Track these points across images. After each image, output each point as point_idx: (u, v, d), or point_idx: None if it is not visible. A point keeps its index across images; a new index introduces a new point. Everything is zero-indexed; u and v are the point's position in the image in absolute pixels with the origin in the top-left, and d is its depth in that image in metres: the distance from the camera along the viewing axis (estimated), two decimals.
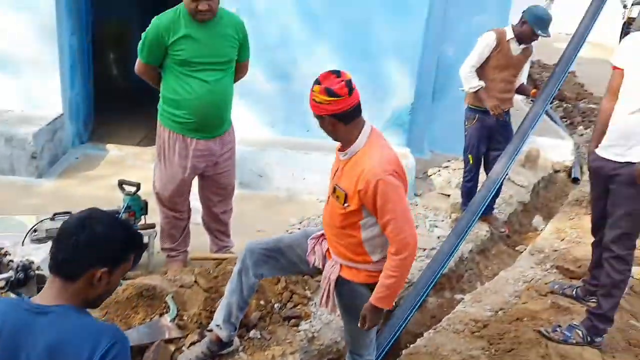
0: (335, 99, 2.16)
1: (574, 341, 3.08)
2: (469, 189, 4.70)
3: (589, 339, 3.10)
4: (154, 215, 3.58)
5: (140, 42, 3.05)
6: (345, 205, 2.26)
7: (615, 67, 3.16)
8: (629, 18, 16.55)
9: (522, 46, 4.27)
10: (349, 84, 2.18)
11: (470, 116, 4.48)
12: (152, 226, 3.49)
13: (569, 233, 4.90)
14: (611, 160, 3.06)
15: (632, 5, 16.45)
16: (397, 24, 4.95)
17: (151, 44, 3.01)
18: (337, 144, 2.39)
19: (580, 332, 3.11)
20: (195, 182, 3.48)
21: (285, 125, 5.20)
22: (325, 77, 2.19)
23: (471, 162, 4.62)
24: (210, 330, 2.69)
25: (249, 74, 3.58)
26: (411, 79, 5.18)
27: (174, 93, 3.09)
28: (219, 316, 2.64)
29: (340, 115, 2.19)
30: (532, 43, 4.35)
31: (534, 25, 4.10)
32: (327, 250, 2.55)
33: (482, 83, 4.26)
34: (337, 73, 2.21)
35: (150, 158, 4.98)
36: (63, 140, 5.35)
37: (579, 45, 4.21)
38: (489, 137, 4.51)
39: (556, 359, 2.87)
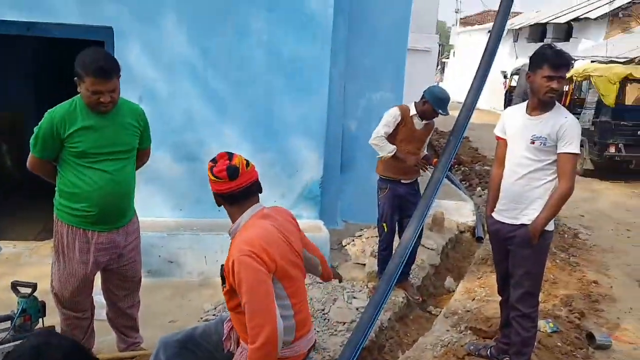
0: (216, 180, 2.30)
1: None
2: (384, 257, 4.80)
3: None
4: (53, 314, 3.30)
5: (33, 136, 2.91)
6: (223, 285, 2.27)
7: (498, 137, 3.46)
8: (510, 86, 18.30)
9: (424, 122, 4.57)
10: (230, 169, 2.27)
11: (382, 186, 4.66)
12: (52, 328, 3.20)
13: (479, 292, 5.10)
14: (506, 224, 3.28)
15: (511, 75, 18.24)
16: (301, 101, 5.15)
17: (45, 138, 2.88)
18: None
19: None
20: (97, 276, 3.28)
21: (195, 207, 5.11)
22: (220, 156, 2.33)
23: (386, 230, 4.75)
24: None
25: (155, 158, 3.55)
26: (319, 154, 5.34)
27: (73, 186, 2.95)
28: None
29: (223, 196, 2.32)
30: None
31: (434, 104, 4.39)
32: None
33: (394, 148, 4.43)
34: (230, 156, 2.30)
35: (48, 253, 4.66)
36: None
37: (469, 114, 4.59)
38: (401, 205, 4.69)
39: None
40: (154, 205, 4.95)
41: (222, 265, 2.30)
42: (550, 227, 3.19)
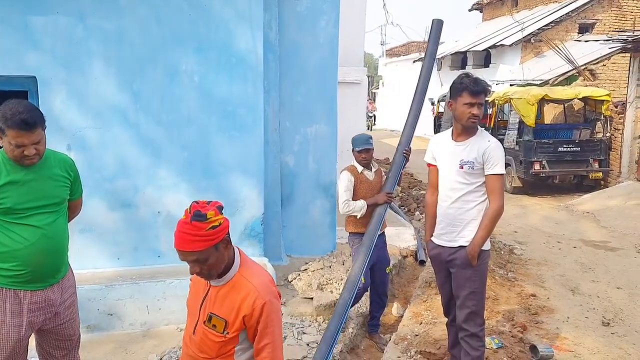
0: (222, 219, 2.14)
1: None
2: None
3: None
4: None
5: None
6: (225, 333, 2.18)
7: (429, 164, 3.60)
8: (438, 112, 19.06)
9: (373, 171, 4.79)
10: (219, 206, 2.18)
11: (355, 240, 4.76)
12: None
13: (425, 315, 5.19)
14: (446, 247, 3.40)
15: (438, 101, 19.02)
16: (237, 140, 5.15)
17: None
18: None
19: None
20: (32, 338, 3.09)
21: (133, 255, 4.95)
22: (198, 207, 2.12)
23: (364, 281, 4.70)
24: None
25: (89, 207, 3.43)
26: (259, 191, 5.33)
27: (0, 245, 2.79)
28: None
29: (228, 235, 2.18)
30: (373, 162, 4.88)
31: (362, 145, 4.68)
32: None
33: (363, 201, 4.60)
34: (197, 202, 2.17)
35: None
36: None
37: (406, 149, 4.82)
38: (376, 256, 4.76)
39: None
40: (90, 257, 4.75)
41: (211, 315, 2.21)
42: (486, 246, 3.33)
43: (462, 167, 3.30)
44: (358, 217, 4.66)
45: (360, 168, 4.75)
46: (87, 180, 3.42)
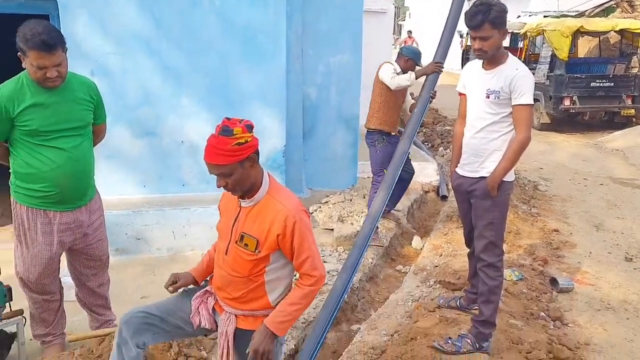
0: (251, 137, 2.18)
1: (465, 350, 3.25)
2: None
3: (477, 345, 3.29)
4: (21, 299, 3.24)
5: None
6: (257, 251, 2.26)
7: (460, 93, 3.50)
8: (466, 46, 18.43)
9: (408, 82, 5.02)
10: (248, 125, 2.20)
11: (379, 138, 5.23)
12: (20, 313, 3.14)
13: (445, 248, 5.23)
14: (467, 177, 3.35)
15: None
16: (259, 69, 5.07)
17: None
18: (221, 196, 2.42)
19: (469, 340, 3.29)
20: (63, 257, 3.21)
21: (158, 183, 5.03)
22: (228, 123, 2.16)
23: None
24: None
25: (113, 135, 3.45)
26: (280, 122, 5.30)
27: (28, 167, 2.85)
28: None
29: (257, 153, 2.22)
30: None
31: (415, 59, 5.10)
32: (214, 306, 2.48)
33: (411, 72, 4.99)
34: (228, 119, 2.19)
35: (9, 238, 4.51)
36: None
37: (432, 85, 4.68)
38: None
39: None
40: (117, 183, 4.85)
41: (242, 234, 2.28)
42: (510, 177, 3.27)
43: (488, 97, 3.20)
44: (379, 113, 5.01)
45: (398, 69, 4.98)
46: (111, 107, 3.42)
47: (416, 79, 4.93)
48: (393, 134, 5.27)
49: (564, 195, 7.24)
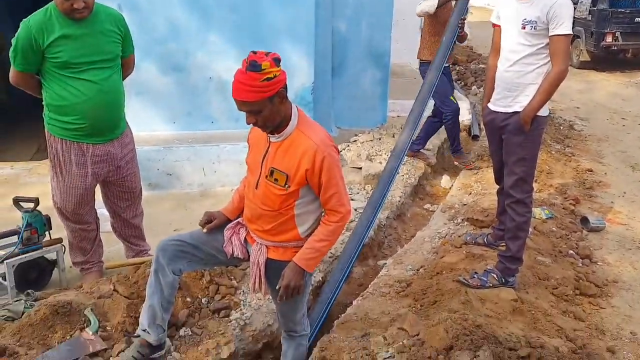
0: (279, 71, 2.12)
1: (491, 284, 3.27)
2: (452, 128, 5.59)
3: (503, 280, 3.31)
4: (59, 229, 3.38)
5: (12, 49, 2.80)
6: (287, 186, 2.27)
7: (494, 25, 3.36)
8: None
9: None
10: (276, 58, 2.13)
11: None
12: (59, 241, 3.29)
13: (475, 187, 5.19)
14: (500, 112, 3.27)
15: None
16: (287, 4, 4.95)
17: (24, 49, 2.78)
18: (250, 130, 2.40)
19: (495, 275, 3.31)
20: (98, 189, 3.32)
21: (187, 119, 5.07)
22: (255, 57, 2.09)
23: (455, 101, 5.43)
24: (138, 336, 2.60)
25: (142, 70, 3.46)
26: (309, 58, 5.21)
27: (60, 99, 2.90)
28: (143, 320, 2.54)
29: (285, 88, 2.17)
30: None
31: None
32: (246, 237, 2.54)
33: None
34: (255, 52, 2.14)
35: (46, 172, 4.66)
36: None
37: (462, 9, 4.50)
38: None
39: (476, 302, 3.03)
40: (147, 119, 4.90)
41: (272, 169, 2.28)
42: (544, 112, 3.17)
43: (524, 27, 3.07)
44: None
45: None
46: (139, 42, 3.40)
47: (445, 3, 5.04)
48: (445, 64, 5.24)
49: (600, 135, 7.03)
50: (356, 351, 2.67)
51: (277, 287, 2.37)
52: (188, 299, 3.08)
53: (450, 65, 6.01)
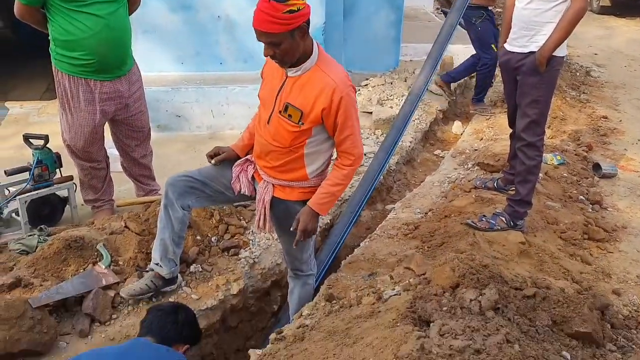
0: (304, 4, 2.05)
1: (499, 227, 3.27)
2: (486, 76, 5.49)
3: (512, 223, 3.30)
4: (70, 167, 3.40)
5: None
6: (300, 123, 2.23)
7: None
8: None
9: None
10: None
11: (478, 14, 5.24)
12: (70, 178, 3.31)
13: (487, 132, 5.12)
14: (516, 52, 3.18)
15: None
16: None
17: None
18: (265, 62, 2.35)
19: (503, 219, 3.30)
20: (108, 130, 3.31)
21: (196, 60, 4.99)
22: None
23: (495, 49, 5.11)
24: (150, 271, 2.65)
25: (149, 7, 3.36)
26: None
27: (66, 34, 2.84)
28: (155, 255, 2.59)
29: (308, 23, 2.11)
30: None
31: None
32: (254, 175, 2.54)
33: None
34: None
35: (56, 111, 4.64)
36: None
37: None
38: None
39: (484, 244, 3.04)
40: (155, 60, 4.83)
41: (287, 104, 2.22)
42: (560, 52, 3.07)
43: None
44: None
45: None
46: None
47: None
48: (490, 7, 5.35)
49: (617, 82, 6.86)
50: (363, 289, 2.71)
51: (291, 230, 2.38)
52: (198, 237, 3.13)
53: (494, 9, 5.81)
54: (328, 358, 2.13)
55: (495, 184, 3.85)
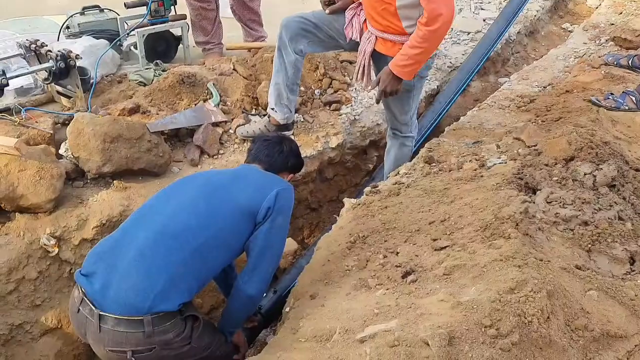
0: None
1: (627, 107, 2.96)
2: None
3: None
4: (184, 8, 3.44)
5: None
6: None
7: None
8: None
9: None
10: None
11: None
12: (183, 17, 3.37)
13: (628, 6, 4.49)
14: None
15: None
16: None
17: None
18: None
19: (633, 99, 2.97)
20: None
21: None
22: None
23: None
24: (255, 114, 2.72)
25: None
26: None
27: None
28: (271, 99, 2.64)
29: None
30: None
31: None
32: (364, 22, 2.43)
33: None
34: None
35: None
36: None
37: None
38: None
39: (607, 123, 2.78)
40: None
41: None
42: None
43: None
44: None
45: None
46: None
47: None
48: None
49: None
50: (465, 155, 2.62)
51: (370, 89, 2.39)
52: (302, 88, 3.12)
53: None
54: (423, 212, 2.14)
55: (630, 62, 3.44)
